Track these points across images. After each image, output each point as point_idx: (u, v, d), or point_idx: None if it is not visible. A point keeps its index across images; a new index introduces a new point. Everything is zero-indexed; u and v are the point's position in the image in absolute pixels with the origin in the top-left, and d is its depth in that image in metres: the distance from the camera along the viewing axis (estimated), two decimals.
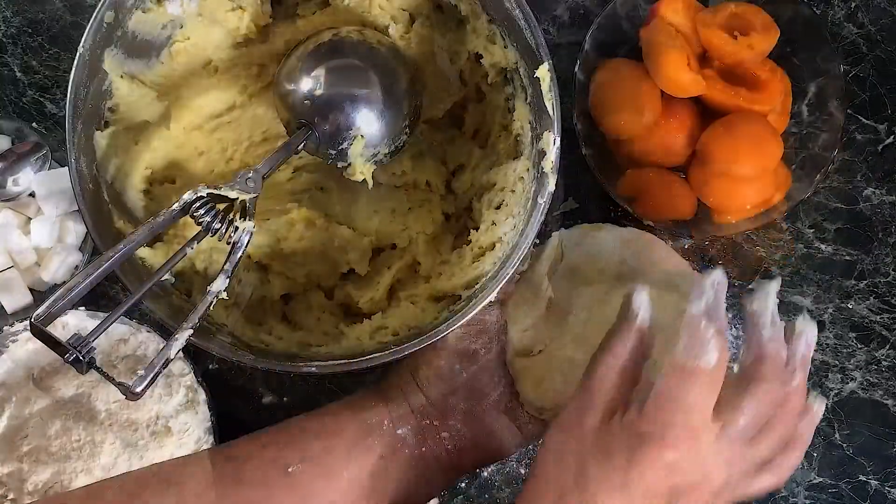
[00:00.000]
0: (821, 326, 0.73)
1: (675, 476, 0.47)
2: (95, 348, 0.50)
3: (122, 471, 0.70)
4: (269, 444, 0.57)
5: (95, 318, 0.70)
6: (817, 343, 0.73)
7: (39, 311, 0.49)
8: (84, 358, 0.49)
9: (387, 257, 0.72)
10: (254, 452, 0.57)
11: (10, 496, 0.69)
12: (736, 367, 0.53)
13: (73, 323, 0.69)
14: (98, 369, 0.50)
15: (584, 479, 0.48)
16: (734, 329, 0.73)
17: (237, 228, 0.57)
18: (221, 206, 0.58)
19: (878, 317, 0.73)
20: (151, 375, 0.50)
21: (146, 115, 0.67)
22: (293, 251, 0.69)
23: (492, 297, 0.59)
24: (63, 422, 0.70)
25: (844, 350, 0.73)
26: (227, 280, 0.56)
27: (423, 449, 0.58)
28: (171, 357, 0.52)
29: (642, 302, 0.52)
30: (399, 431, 0.58)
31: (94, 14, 0.60)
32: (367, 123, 0.63)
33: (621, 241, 0.65)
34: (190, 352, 0.72)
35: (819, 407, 0.53)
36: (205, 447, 0.70)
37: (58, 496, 0.59)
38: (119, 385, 0.49)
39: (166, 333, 0.70)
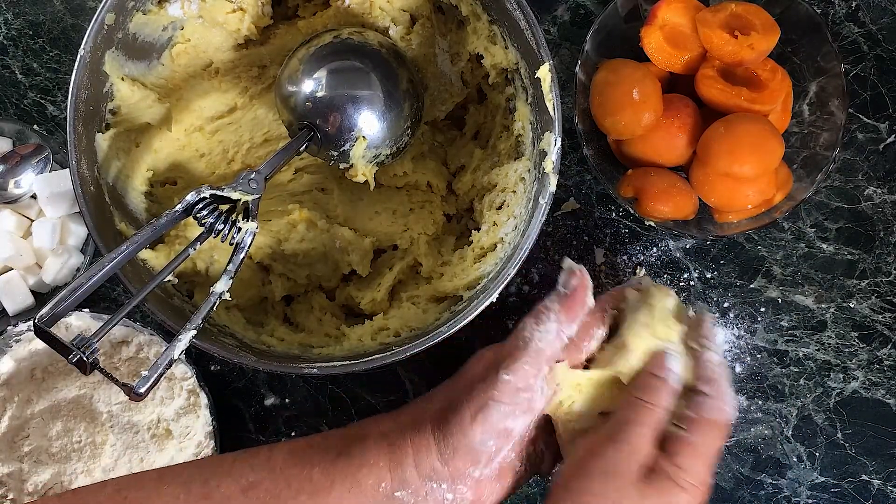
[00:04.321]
0: (822, 326, 0.73)
1: None
2: (99, 349, 0.50)
3: (123, 472, 0.70)
4: (251, 490, 0.52)
5: (98, 320, 0.70)
6: (819, 343, 0.73)
7: (43, 312, 0.49)
8: (88, 359, 0.49)
9: (388, 258, 0.72)
10: (233, 495, 0.52)
11: (10, 496, 0.69)
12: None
13: (76, 324, 0.69)
14: (102, 370, 0.50)
15: None
16: (735, 329, 0.74)
17: (240, 229, 0.57)
18: (224, 207, 0.58)
19: (880, 316, 0.73)
20: (155, 377, 0.50)
21: (147, 116, 0.67)
22: (294, 252, 0.69)
23: (493, 298, 0.59)
24: (64, 423, 0.70)
25: (846, 350, 0.73)
26: (230, 281, 0.56)
27: None
28: (175, 358, 0.52)
29: (675, 363, 0.56)
30: (397, 494, 0.53)
31: (95, 16, 0.60)
32: (369, 125, 0.63)
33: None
34: (192, 354, 0.72)
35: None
36: (205, 452, 0.70)
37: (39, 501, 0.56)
38: (123, 386, 0.49)
39: (168, 335, 0.70)
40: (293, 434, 0.74)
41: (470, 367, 0.57)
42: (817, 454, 0.73)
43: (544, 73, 0.60)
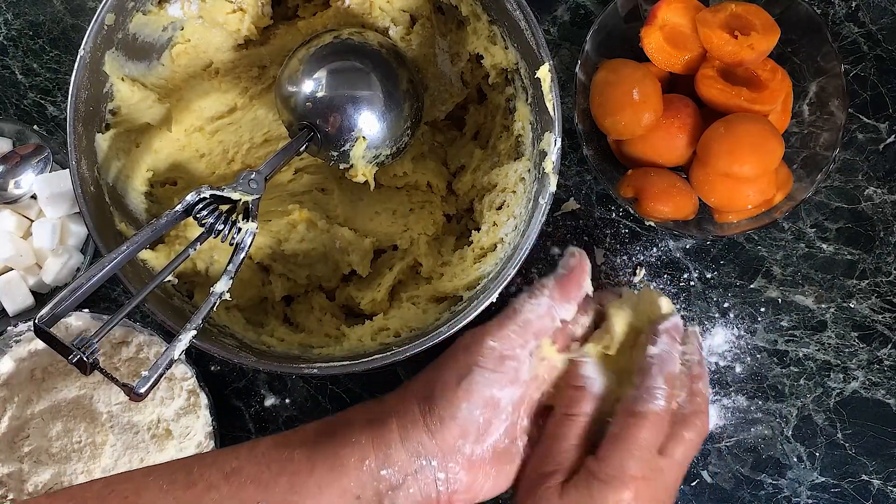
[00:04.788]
0: (822, 326, 0.73)
1: None
2: (99, 350, 0.50)
3: None
4: (233, 475, 0.52)
5: (98, 320, 0.70)
6: (819, 343, 0.73)
7: (43, 312, 0.49)
8: (88, 359, 0.49)
9: (388, 258, 0.72)
10: (215, 482, 0.52)
11: (10, 496, 0.69)
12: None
13: (76, 325, 0.69)
14: (102, 370, 0.50)
15: None
16: (735, 329, 0.74)
17: (240, 230, 0.57)
18: (224, 208, 0.58)
19: (881, 316, 0.73)
20: (155, 377, 0.50)
21: (147, 117, 0.67)
22: (294, 252, 0.69)
23: (493, 299, 0.59)
24: (64, 423, 0.70)
25: (846, 350, 0.73)
26: (230, 281, 0.56)
27: (412, 491, 0.53)
28: (175, 358, 0.52)
29: (590, 370, 0.57)
30: (383, 472, 0.52)
31: (95, 16, 0.60)
32: (369, 125, 0.63)
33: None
34: (192, 354, 0.72)
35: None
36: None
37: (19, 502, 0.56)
38: (123, 386, 0.49)
39: (168, 335, 0.70)
40: None
41: (455, 343, 0.57)
42: (817, 454, 0.73)
43: (544, 73, 0.60)
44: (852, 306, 0.73)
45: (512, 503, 0.56)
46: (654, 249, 0.74)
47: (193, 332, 0.53)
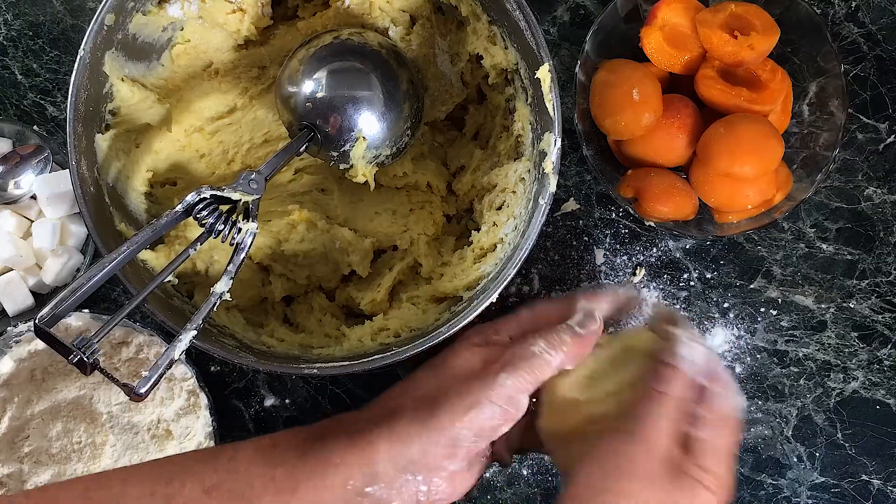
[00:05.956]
0: (822, 326, 0.73)
1: None
2: (99, 350, 0.50)
3: None
4: (214, 491, 0.52)
5: (98, 321, 0.70)
6: (819, 343, 0.73)
7: (43, 312, 0.49)
8: (88, 360, 0.49)
9: (388, 259, 0.72)
10: (195, 496, 0.51)
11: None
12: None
13: (76, 325, 0.69)
14: (102, 370, 0.50)
15: None
16: (735, 329, 0.74)
17: (240, 230, 0.57)
18: (224, 208, 0.58)
19: (880, 316, 0.73)
20: (155, 377, 0.50)
21: (147, 117, 0.67)
22: (294, 253, 0.69)
23: (493, 299, 0.59)
24: (64, 423, 0.70)
25: (846, 350, 0.73)
26: (231, 281, 0.56)
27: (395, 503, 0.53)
28: (175, 358, 0.52)
29: (686, 350, 0.55)
30: (368, 490, 0.52)
31: (95, 17, 0.60)
32: (369, 125, 0.63)
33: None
34: (192, 355, 0.72)
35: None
36: None
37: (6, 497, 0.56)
38: (123, 386, 0.49)
39: (168, 335, 0.70)
40: None
41: (459, 359, 0.56)
42: (817, 454, 0.73)
43: (544, 73, 0.60)
44: (852, 306, 0.73)
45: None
46: (654, 249, 0.74)
47: (193, 333, 0.53)
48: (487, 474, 0.73)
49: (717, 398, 0.54)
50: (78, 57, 0.59)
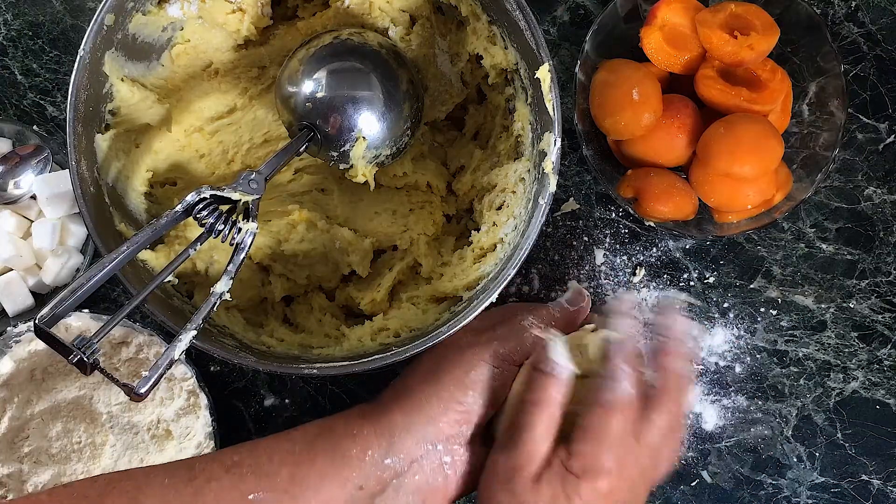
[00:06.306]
0: (822, 326, 0.73)
1: (612, 497, 0.52)
2: (99, 350, 0.50)
3: None
4: (234, 468, 0.53)
5: (97, 321, 0.70)
6: (819, 343, 0.73)
7: (43, 312, 0.49)
8: (88, 359, 0.49)
9: (388, 259, 0.72)
10: (216, 474, 0.53)
11: (10, 497, 0.69)
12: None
13: (76, 325, 0.69)
14: (102, 370, 0.50)
15: None
16: (735, 329, 0.74)
17: (240, 230, 0.57)
18: (224, 208, 0.58)
19: (880, 316, 0.73)
20: (155, 377, 0.50)
21: (147, 117, 0.67)
22: (294, 253, 0.69)
23: (493, 299, 0.59)
24: (64, 423, 0.70)
25: (846, 350, 0.73)
26: (231, 281, 0.56)
27: (417, 478, 0.54)
28: (175, 358, 0.52)
29: (559, 354, 0.56)
30: (388, 461, 0.53)
31: (95, 17, 0.60)
32: (369, 125, 0.63)
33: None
34: (192, 355, 0.72)
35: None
36: (205, 453, 0.70)
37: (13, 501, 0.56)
38: (123, 386, 0.49)
39: (168, 335, 0.70)
40: None
41: (451, 344, 0.59)
42: (817, 454, 0.73)
43: (544, 73, 0.60)
44: (852, 306, 0.73)
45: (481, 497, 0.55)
46: (654, 249, 0.74)
47: (193, 333, 0.53)
48: None
49: (596, 383, 0.54)
50: (78, 57, 0.59)
